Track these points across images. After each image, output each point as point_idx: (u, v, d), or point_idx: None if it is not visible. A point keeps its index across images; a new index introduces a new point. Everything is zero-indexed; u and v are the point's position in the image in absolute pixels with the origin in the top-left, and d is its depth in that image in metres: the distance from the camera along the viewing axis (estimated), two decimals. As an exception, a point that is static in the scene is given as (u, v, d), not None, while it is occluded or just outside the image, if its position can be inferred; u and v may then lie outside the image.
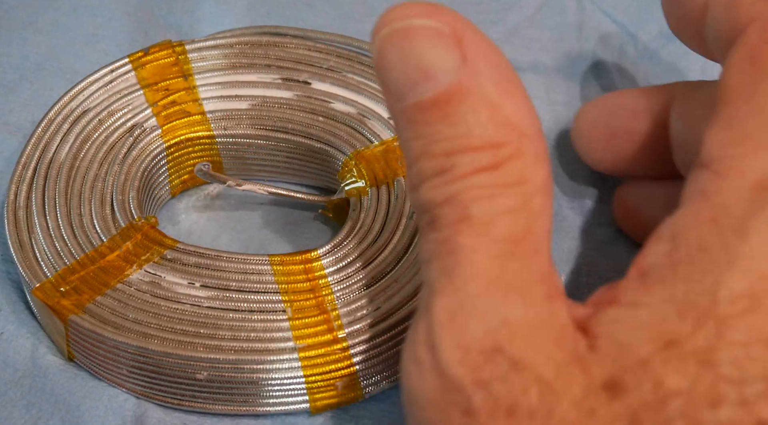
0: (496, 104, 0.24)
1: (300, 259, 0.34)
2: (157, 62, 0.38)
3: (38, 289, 0.33)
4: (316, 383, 0.32)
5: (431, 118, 0.24)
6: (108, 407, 0.33)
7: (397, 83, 0.24)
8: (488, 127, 0.24)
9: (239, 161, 0.39)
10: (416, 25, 0.24)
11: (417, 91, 0.24)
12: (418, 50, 0.24)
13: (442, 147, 0.24)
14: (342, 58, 0.39)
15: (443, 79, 0.24)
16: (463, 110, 0.24)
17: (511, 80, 0.24)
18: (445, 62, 0.24)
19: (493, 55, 0.24)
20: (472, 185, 0.24)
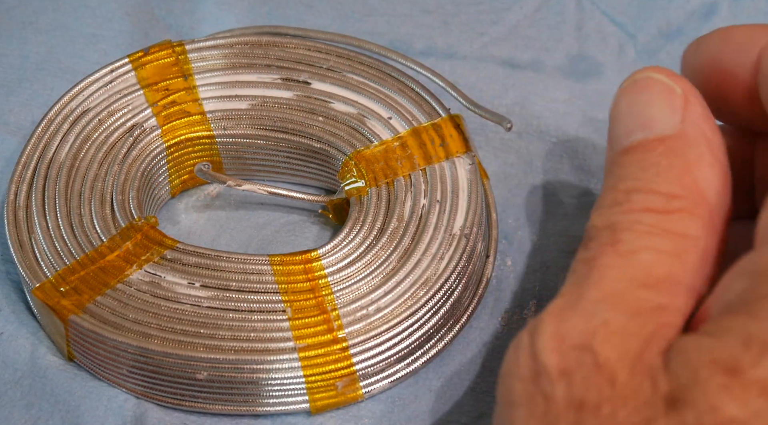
0: (690, 166, 0.26)
1: (300, 259, 0.34)
2: (157, 62, 0.38)
3: (38, 289, 0.33)
4: (316, 383, 0.32)
5: (630, 160, 0.27)
6: (108, 407, 0.33)
7: (619, 130, 0.27)
8: (673, 181, 0.26)
9: (239, 161, 0.39)
10: (653, 77, 0.27)
11: (630, 137, 0.27)
12: (647, 102, 0.27)
13: (626, 185, 0.26)
14: (342, 58, 0.39)
15: (657, 130, 0.26)
16: (659, 159, 0.26)
17: (717, 153, 0.26)
18: (665, 116, 0.27)
19: (710, 127, 0.27)
20: (633, 220, 0.26)
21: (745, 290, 0.23)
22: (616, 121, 0.28)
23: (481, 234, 0.35)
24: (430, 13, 0.46)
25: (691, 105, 0.27)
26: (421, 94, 0.38)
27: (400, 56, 0.40)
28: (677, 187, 0.26)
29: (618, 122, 0.27)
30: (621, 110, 0.27)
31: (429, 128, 0.37)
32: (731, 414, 0.21)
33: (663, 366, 0.23)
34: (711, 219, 0.26)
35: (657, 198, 0.26)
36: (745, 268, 0.24)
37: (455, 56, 0.45)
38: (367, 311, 0.33)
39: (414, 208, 0.35)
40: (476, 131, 0.41)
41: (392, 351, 0.33)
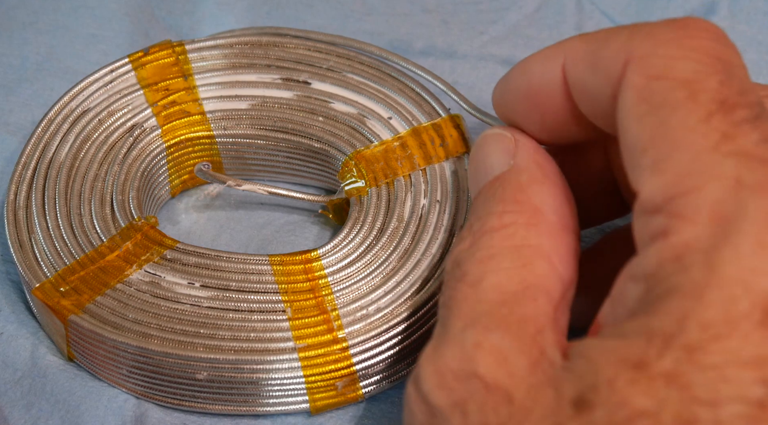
0: (522, 186, 0.28)
1: (300, 259, 0.34)
2: (157, 62, 0.38)
3: (38, 289, 0.33)
4: (316, 383, 0.32)
5: (475, 203, 0.29)
6: (108, 407, 0.33)
7: (470, 188, 0.30)
8: (506, 200, 0.28)
9: (239, 161, 0.39)
10: (489, 133, 0.30)
11: (477, 186, 0.29)
12: (486, 152, 0.30)
13: (468, 222, 0.28)
14: (342, 58, 0.39)
15: (494, 172, 0.29)
16: (494, 191, 0.28)
17: (547, 175, 0.28)
18: (499, 160, 0.29)
19: (540, 156, 0.29)
20: (474, 249, 0.27)
21: (640, 293, 0.23)
22: (470, 181, 0.30)
23: (481, 234, 0.35)
24: (430, 12, 0.46)
25: (520, 143, 0.29)
26: (421, 95, 0.38)
27: (401, 59, 0.40)
28: (510, 204, 0.27)
29: (470, 182, 0.30)
30: (471, 171, 0.30)
31: (429, 127, 0.37)
32: (641, 407, 0.21)
33: (563, 373, 0.23)
34: (549, 228, 0.27)
35: (491, 218, 0.27)
36: (634, 272, 0.24)
37: (455, 56, 0.45)
38: (367, 311, 0.33)
39: (414, 208, 0.35)
40: (476, 131, 0.41)
41: (392, 351, 0.33)
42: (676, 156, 0.24)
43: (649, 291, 0.23)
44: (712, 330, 0.21)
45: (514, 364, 0.24)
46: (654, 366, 0.21)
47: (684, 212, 0.23)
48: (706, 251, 0.22)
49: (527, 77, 0.29)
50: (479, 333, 0.25)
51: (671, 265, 0.23)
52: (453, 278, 0.27)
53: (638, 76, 0.25)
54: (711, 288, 0.22)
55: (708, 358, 0.21)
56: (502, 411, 0.23)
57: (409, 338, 0.33)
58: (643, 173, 0.24)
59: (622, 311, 0.24)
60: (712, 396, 0.21)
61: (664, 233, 0.23)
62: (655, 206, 0.24)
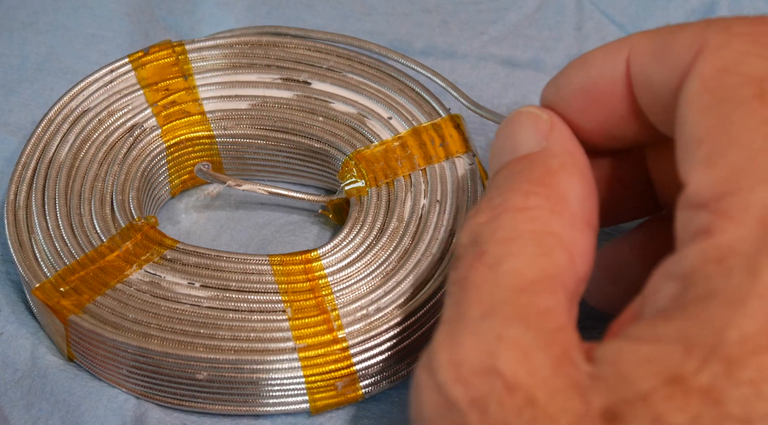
0: (551, 173, 0.27)
1: (300, 259, 0.34)
2: (157, 62, 0.38)
3: (38, 289, 0.33)
4: (316, 383, 0.32)
5: (497, 177, 0.28)
6: (108, 407, 0.33)
7: (494, 160, 0.29)
8: (532, 181, 0.26)
9: (239, 161, 0.39)
10: (522, 111, 0.29)
11: (502, 160, 0.28)
12: (516, 128, 0.28)
13: (488, 195, 0.27)
14: (342, 58, 0.39)
15: (523, 150, 0.28)
16: (521, 168, 0.27)
17: (578, 166, 0.27)
18: (530, 138, 0.28)
19: (573, 146, 0.28)
20: (495, 227, 0.26)
21: (677, 293, 0.23)
22: (493, 154, 0.29)
23: (481, 234, 0.35)
24: (430, 12, 0.46)
25: (556, 127, 0.28)
26: (421, 94, 0.38)
27: (400, 56, 0.40)
28: (536, 186, 0.26)
29: (494, 154, 0.29)
30: (496, 144, 0.29)
31: (429, 127, 0.37)
32: (675, 424, 0.20)
33: (590, 379, 0.22)
34: (573, 219, 0.26)
35: (515, 196, 0.26)
36: (672, 270, 0.23)
37: (455, 56, 0.45)
38: (367, 311, 0.33)
39: (414, 208, 0.35)
40: (476, 131, 0.41)
41: (392, 351, 0.33)
42: (731, 153, 0.23)
43: (686, 291, 0.22)
44: (751, 344, 0.21)
45: (537, 363, 0.23)
46: (691, 380, 0.21)
47: (731, 212, 0.22)
48: (751, 256, 0.22)
49: (588, 70, 0.28)
50: (500, 323, 0.23)
51: (713, 267, 0.22)
52: (470, 255, 0.26)
53: (708, 67, 0.24)
54: (752, 297, 0.21)
55: (745, 373, 0.21)
56: (526, 414, 0.22)
57: (410, 338, 0.33)
58: (694, 165, 0.24)
59: (655, 310, 0.23)
60: (746, 413, 0.20)
61: (708, 232, 0.22)
62: (702, 201, 0.23)
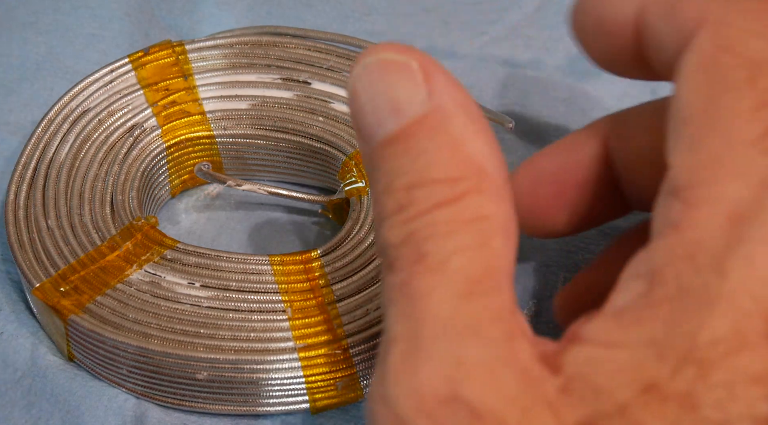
0: (458, 141, 0.24)
1: (300, 259, 0.34)
2: (157, 62, 0.38)
3: (38, 289, 0.33)
4: (316, 383, 0.32)
5: (395, 152, 0.24)
6: (108, 407, 0.33)
7: (367, 122, 0.24)
8: (448, 161, 0.23)
9: (239, 161, 0.39)
10: (385, 58, 0.24)
11: (383, 127, 0.24)
12: (387, 83, 0.24)
13: (402, 181, 0.24)
14: (342, 58, 0.39)
15: (409, 113, 0.24)
16: (425, 144, 0.24)
17: (476, 120, 0.24)
18: (411, 95, 0.24)
19: (459, 94, 0.24)
20: (428, 223, 0.23)
21: (645, 289, 0.22)
22: (361, 113, 0.25)
23: (481, 234, 0.35)
24: (430, 12, 0.46)
25: (433, 75, 0.24)
26: (421, 94, 0.38)
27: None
28: (454, 168, 0.23)
29: (363, 115, 0.25)
30: (362, 101, 0.25)
31: (429, 127, 0.37)
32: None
33: (560, 394, 0.21)
34: (497, 190, 0.24)
35: (440, 188, 0.23)
36: (643, 267, 0.22)
37: (455, 56, 0.45)
38: (367, 311, 0.33)
39: (414, 208, 0.35)
40: (476, 130, 0.41)
41: (392, 351, 0.33)
42: (711, 139, 0.22)
43: (654, 289, 0.22)
44: (722, 346, 0.20)
45: (502, 383, 0.21)
46: (666, 387, 0.20)
47: (701, 204, 0.22)
48: (719, 255, 0.21)
49: (604, 6, 0.27)
50: (457, 343, 0.22)
51: (682, 264, 0.21)
52: (407, 257, 0.23)
53: (707, 43, 0.23)
54: (722, 298, 0.21)
55: (718, 376, 0.20)
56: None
57: (409, 338, 0.33)
58: (677, 145, 0.23)
59: (620, 306, 0.22)
60: (721, 417, 0.20)
61: (677, 226, 0.22)
62: (678, 187, 0.22)
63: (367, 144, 0.25)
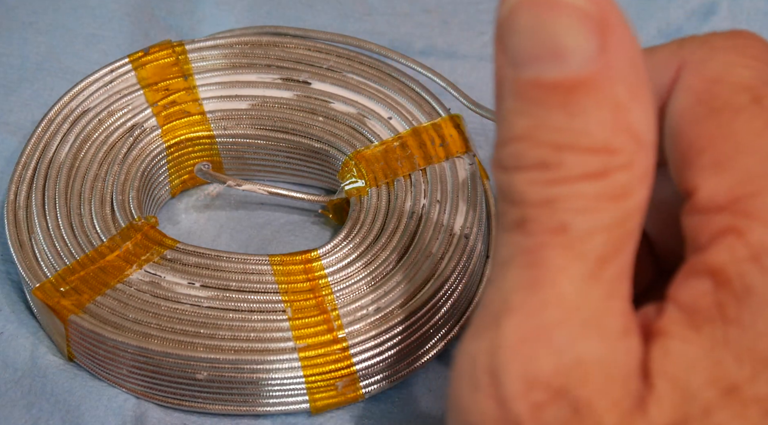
0: (622, 106, 0.22)
1: (300, 259, 0.34)
2: (157, 62, 0.38)
3: (38, 289, 0.33)
4: (316, 383, 0.32)
5: (549, 101, 0.22)
6: (108, 407, 0.33)
7: (521, 48, 0.22)
8: (608, 128, 0.21)
9: (239, 161, 0.39)
10: (562, 1, 0.21)
11: (542, 66, 0.21)
12: (557, 25, 0.21)
13: (553, 137, 0.22)
14: (342, 58, 0.39)
15: (574, 64, 0.21)
16: (586, 103, 0.21)
17: (644, 85, 0.22)
18: (582, 47, 0.21)
19: (634, 53, 0.22)
20: (575, 193, 0.22)
21: (713, 291, 0.22)
22: (517, 38, 0.22)
23: (481, 234, 0.35)
24: (430, 12, 0.46)
25: (610, 28, 0.22)
26: (421, 94, 0.38)
27: (400, 56, 0.40)
28: (612, 137, 0.21)
29: (519, 41, 0.22)
30: (522, 27, 0.22)
31: (429, 128, 0.37)
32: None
33: (647, 388, 0.21)
34: (647, 168, 0.22)
35: (594, 160, 0.22)
36: (704, 266, 0.23)
37: (455, 56, 0.45)
38: (367, 311, 0.33)
39: (414, 208, 0.35)
40: (476, 131, 0.41)
41: (392, 351, 0.33)
42: (742, 158, 0.23)
43: (720, 289, 0.22)
44: None
45: (612, 386, 0.21)
46: (747, 390, 0.21)
47: (756, 213, 0.22)
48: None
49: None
50: (580, 337, 0.21)
51: (747, 265, 0.22)
52: (544, 222, 0.22)
53: (696, 79, 0.24)
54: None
55: None
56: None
57: (409, 338, 0.33)
58: (701, 172, 0.23)
59: (688, 307, 0.22)
60: None
61: (737, 231, 0.22)
62: (719, 204, 0.23)
63: (514, 68, 0.22)
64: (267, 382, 0.32)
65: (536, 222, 0.22)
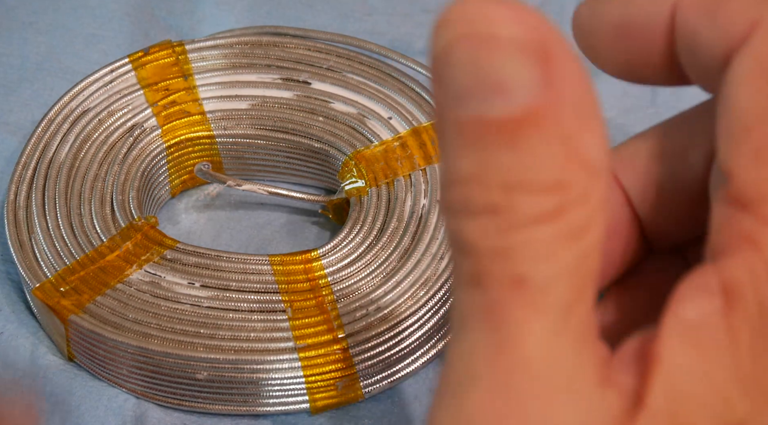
0: (572, 138, 0.20)
1: (300, 259, 0.34)
2: (157, 62, 0.38)
3: (38, 289, 0.33)
4: (316, 383, 0.32)
5: (494, 139, 0.20)
6: (108, 407, 0.33)
7: (460, 84, 0.20)
8: (558, 163, 0.20)
9: (239, 161, 0.39)
10: (499, 34, 0.20)
11: (484, 102, 0.20)
12: (495, 58, 0.20)
13: (501, 178, 0.20)
14: (342, 58, 0.39)
15: (518, 100, 0.20)
16: (534, 138, 0.20)
17: (593, 111, 0.21)
18: (524, 80, 0.20)
19: (580, 79, 0.21)
20: (530, 239, 0.20)
21: (723, 311, 0.21)
22: (456, 73, 0.20)
23: (481, 234, 0.35)
24: (430, 12, 0.46)
25: (554, 56, 0.20)
26: (421, 94, 0.38)
27: (400, 56, 0.40)
28: (564, 171, 0.20)
29: (458, 76, 0.20)
30: (459, 62, 0.20)
31: (429, 127, 0.37)
32: None
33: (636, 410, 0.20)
34: (600, 193, 0.21)
35: (546, 198, 0.20)
36: (715, 280, 0.21)
37: (455, 56, 0.45)
38: (367, 311, 0.33)
39: (414, 208, 0.35)
40: (476, 130, 0.41)
41: (392, 351, 0.33)
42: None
43: (733, 309, 0.20)
44: None
45: None
46: None
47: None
48: None
49: (629, 8, 0.24)
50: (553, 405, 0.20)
51: (766, 286, 0.20)
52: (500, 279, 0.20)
53: (765, 46, 0.22)
54: None
55: None
56: None
57: (409, 338, 0.33)
58: (740, 155, 0.21)
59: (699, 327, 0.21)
60: None
61: (755, 242, 0.20)
62: (747, 200, 0.21)
63: (454, 106, 0.20)
64: (267, 382, 0.32)
65: (491, 276, 0.20)
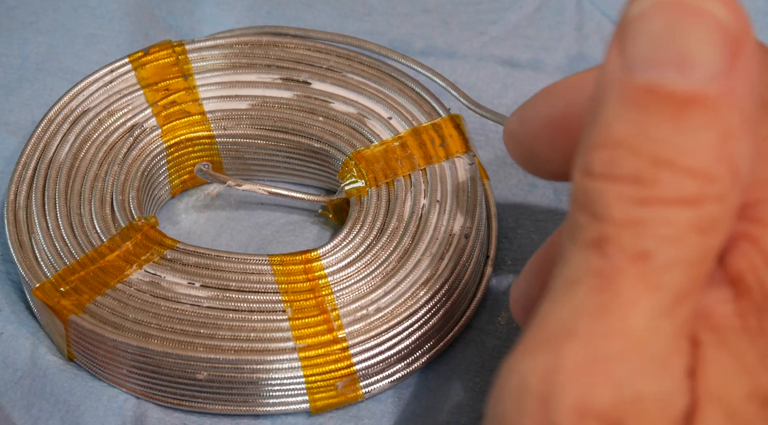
0: (731, 134, 0.20)
1: (300, 259, 0.34)
2: (157, 62, 0.38)
3: (38, 289, 0.33)
4: (316, 383, 0.32)
5: (659, 111, 0.20)
6: (108, 407, 0.33)
7: (644, 51, 0.20)
8: (711, 153, 0.20)
9: (239, 161, 0.39)
10: (706, 8, 0.20)
11: (662, 73, 0.20)
12: (690, 33, 0.20)
13: (654, 149, 0.20)
14: (342, 58, 0.39)
15: (698, 78, 0.20)
16: (698, 121, 0.20)
17: (755, 116, 0.21)
18: (711, 61, 0.20)
19: (756, 80, 0.21)
20: (665, 219, 0.20)
21: (734, 299, 0.22)
22: (643, 39, 0.20)
23: (481, 234, 0.35)
24: (430, 12, 0.46)
25: (742, 50, 0.20)
26: (421, 94, 0.38)
27: (400, 56, 0.40)
28: (714, 164, 0.20)
29: (644, 43, 0.20)
30: (650, 30, 0.20)
31: (429, 127, 0.37)
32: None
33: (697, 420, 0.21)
34: (736, 201, 0.21)
35: (691, 183, 0.20)
36: (719, 275, 0.22)
37: (455, 56, 0.45)
38: (367, 311, 0.33)
39: (414, 208, 0.35)
40: (476, 130, 0.41)
41: (392, 351, 0.33)
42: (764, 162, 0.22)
43: (741, 298, 0.21)
44: None
45: (667, 423, 0.20)
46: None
47: (766, 219, 0.22)
48: None
49: (556, 100, 0.26)
50: (643, 374, 0.20)
51: (765, 272, 0.21)
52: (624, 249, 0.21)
53: None
54: None
55: None
56: None
57: (409, 338, 0.33)
58: None
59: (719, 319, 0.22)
60: None
61: (750, 238, 0.21)
62: None
63: (626, 68, 0.21)
64: (267, 382, 0.32)
65: (616, 245, 0.21)
